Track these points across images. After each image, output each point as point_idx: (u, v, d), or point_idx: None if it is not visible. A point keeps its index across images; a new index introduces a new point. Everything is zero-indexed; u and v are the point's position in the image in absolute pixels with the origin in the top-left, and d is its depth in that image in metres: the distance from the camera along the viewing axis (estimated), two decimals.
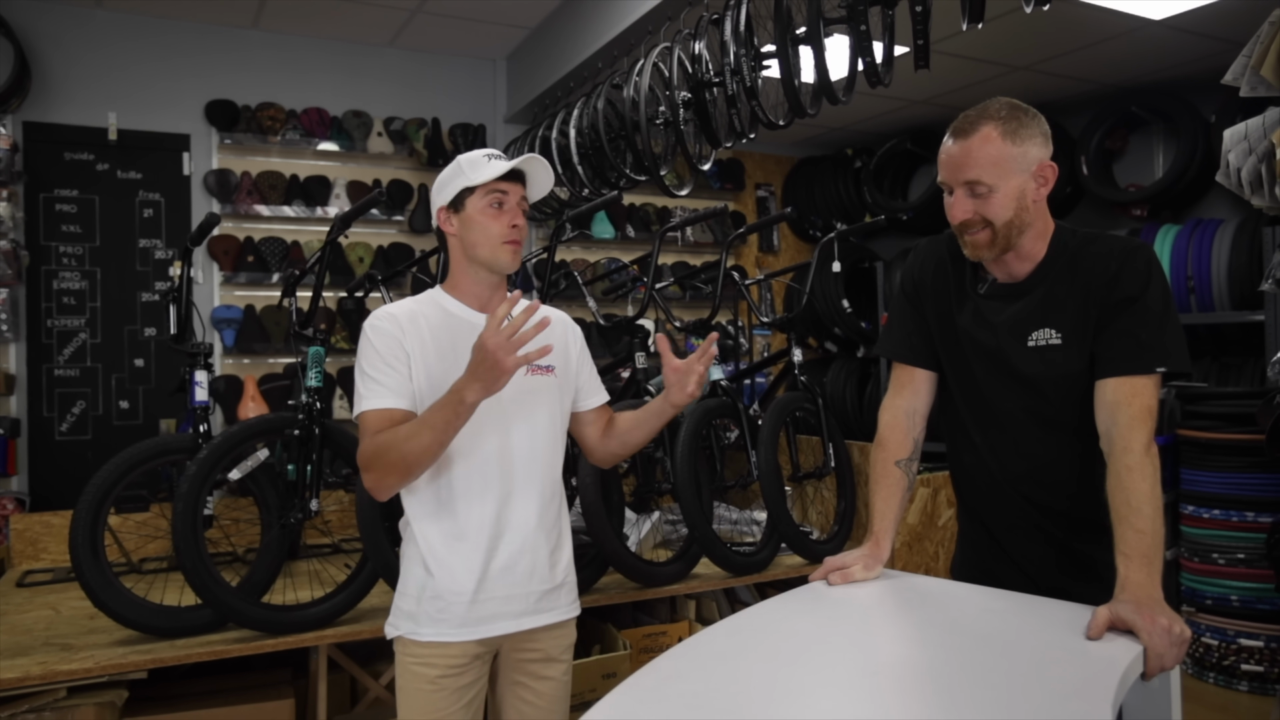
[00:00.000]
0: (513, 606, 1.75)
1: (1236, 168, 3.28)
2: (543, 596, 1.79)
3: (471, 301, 1.81)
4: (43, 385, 4.47)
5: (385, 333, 1.72)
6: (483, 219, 1.76)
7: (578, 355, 1.94)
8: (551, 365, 1.84)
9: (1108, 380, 1.56)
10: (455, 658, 1.72)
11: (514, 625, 1.76)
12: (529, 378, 1.79)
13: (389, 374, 1.69)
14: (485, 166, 1.77)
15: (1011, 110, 1.59)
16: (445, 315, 1.78)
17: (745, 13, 3.16)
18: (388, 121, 5.15)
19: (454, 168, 1.80)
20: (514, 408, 1.75)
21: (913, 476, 1.79)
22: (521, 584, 1.76)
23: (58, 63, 4.48)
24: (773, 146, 6.56)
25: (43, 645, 2.34)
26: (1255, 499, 3.50)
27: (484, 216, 1.76)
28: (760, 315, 3.45)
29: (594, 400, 1.98)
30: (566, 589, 1.86)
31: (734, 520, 3.41)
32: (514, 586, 1.75)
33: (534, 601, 1.78)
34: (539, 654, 1.82)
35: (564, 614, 1.85)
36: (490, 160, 1.78)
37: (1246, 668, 3.47)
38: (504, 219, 1.76)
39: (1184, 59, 4.55)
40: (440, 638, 1.71)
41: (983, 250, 1.64)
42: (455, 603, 1.71)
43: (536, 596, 1.78)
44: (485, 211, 1.76)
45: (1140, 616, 1.32)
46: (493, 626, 1.74)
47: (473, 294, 1.81)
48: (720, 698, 1.20)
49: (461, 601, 1.71)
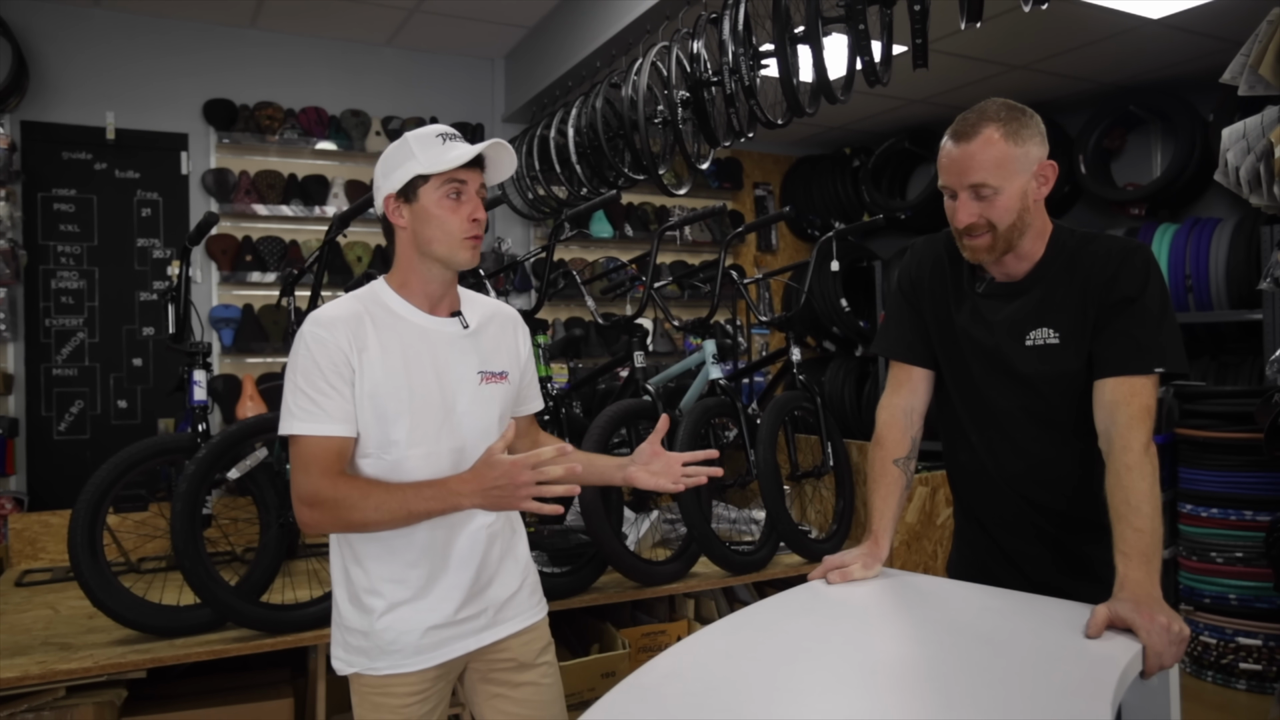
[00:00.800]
0: (469, 625, 1.64)
1: (1235, 166, 3.28)
2: (501, 607, 1.69)
3: (421, 302, 1.62)
4: (41, 385, 4.47)
5: (328, 345, 1.52)
6: (439, 211, 1.56)
7: (525, 357, 1.79)
8: (504, 370, 1.71)
9: (1106, 380, 1.56)
10: (414, 684, 1.61)
11: (474, 643, 1.65)
12: (484, 385, 1.65)
13: (330, 396, 1.51)
14: (441, 150, 1.55)
15: (1010, 111, 1.59)
16: (392, 318, 1.59)
17: (744, 12, 3.16)
18: (386, 121, 5.14)
19: (402, 148, 1.58)
20: (469, 420, 1.63)
21: (911, 475, 1.79)
22: (476, 601, 1.64)
23: (56, 62, 4.47)
24: (771, 145, 6.56)
25: (41, 645, 2.34)
26: (1253, 497, 3.50)
27: (440, 209, 1.56)
28: (759, 314, 3.45)
29: (529, 407, 1.83)
30: (526, 591, 1.75)
31: (732, 519, 3.42)
32: (468, 606, 1.63)
33: (493, 614, 1.67)
34: (510, 662, 1.71)
35: (527, 619, 1.74)
36: (445, 142, 1.56)
37: (1245, 666, 3.48)
38: (463, 211, 1.57)
39: (1182, 58, 4.55)
40: (397, 669, 1.59)
41: (982, 254, 1.64)
42: (407, 632, 1.58)
43: (496, 608, 1.68)
44: (442, 203, 1.56)
45: (1139, 615, 1.32)
46: (451, 649, 1.63)
47: (423, 293, 1.62)
48: (719, 697, 1.20)
49: (414, 630, 1.59)
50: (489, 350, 1.69)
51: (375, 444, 1.57)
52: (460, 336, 1.65)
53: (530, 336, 1.84)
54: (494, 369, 1.68)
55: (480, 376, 1.66)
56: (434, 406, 1.59)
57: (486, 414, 1.66)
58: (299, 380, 1.52)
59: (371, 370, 1.54)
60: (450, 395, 1.61)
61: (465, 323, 1.67)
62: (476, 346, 1.67)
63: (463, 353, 1.65)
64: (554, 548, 2.76)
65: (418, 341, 1.60)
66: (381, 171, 1.61)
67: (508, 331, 1.75)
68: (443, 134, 1.58)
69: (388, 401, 1.55)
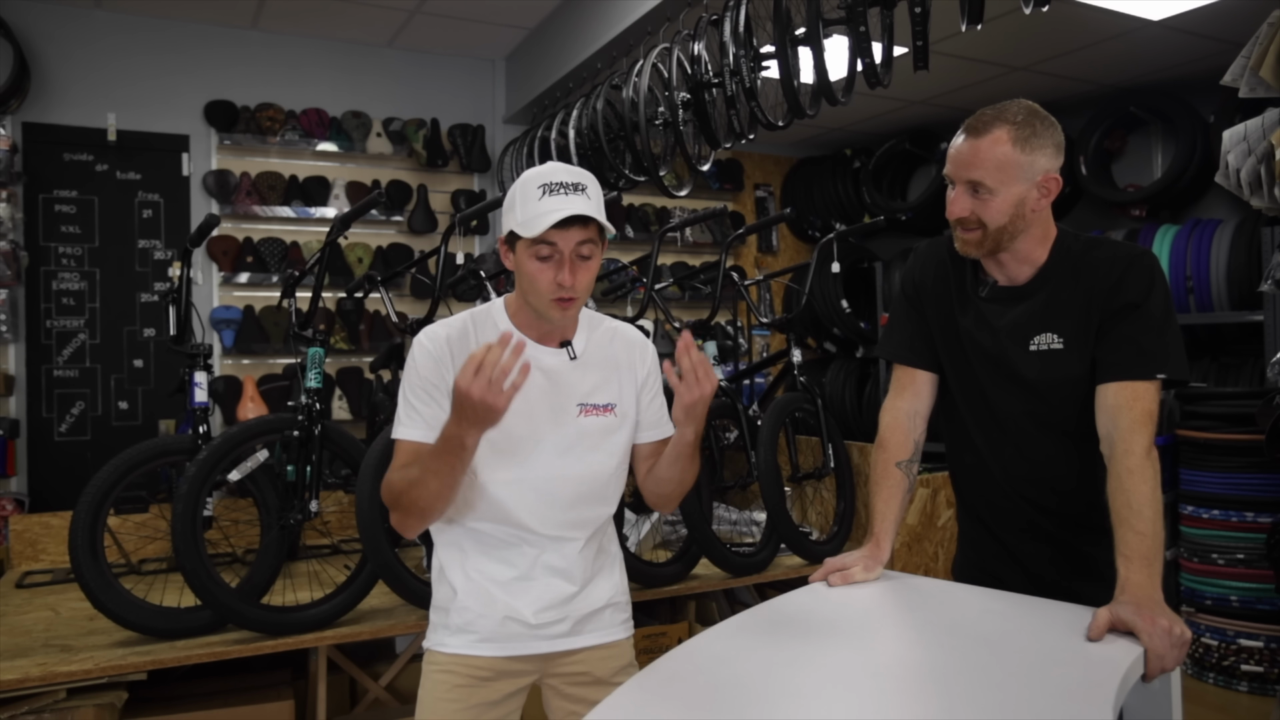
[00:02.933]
0: (548, 630, 1.66)
1: (1236, 168, 3.28)
2: (583, 619, 1.69)
3: (530, 333, 1.63)
4: (42, 386, 4.47)
5: (430, 357, 1.57)
6: (529, 269, 1.53)
7: (645, 383, 1.73)
8: (611, 404, 1.67)
9: (1109, 385, 1.57)
10: (478, 670, 1.64)
11: (547, 646, 1.66)
12: (582, 419, 1.63)
13: (426, 404, 1.56)
14: (535, 207, 1.50)
15: (1029, 116, 1.59)
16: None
17: (744, 14, 3.16)
18: (387, 122, 5.15)
19: (512, 194, 1.56)
20: (557, 449, 1.62)
21: (913, 478, 1.79)
22: (559, 609, 1.65)
23: (57, 63, 4.48)
24: (772, 147, 6.56)
25: (42, 646, 2.34)
26: (1255, 499, 3.50)
27: (530, 267, 1.53)
28: (759, 316, 3.45)
29: (652, 434, 1.75)
30: (613, 610, 1.74)
31: (733, 521, 3.41)
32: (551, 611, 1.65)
33: (571, 624, 1.67)
34: (585, 676, 1.71)
35: (608, 635, 1.73)
36: (544, 197, 1.50)
37: (1246, 668, 3.47)
38: (550, 273, 1.52)
39: (1182, 59, 4.55)
40: (468, 650, 1.64)
41: (971, 248, 1.66)
42: (485, 616, 1.63)
43: (577, 619, 1.68)
44: (531, 262, 1.53)
45: (1140, 618, 1.32)
46: (524, 645, 1.65)
47: (532, 326, 1.63)
48: (721, 699, 1.20)
49: (492, 616, 1.63)
50: (596, 381, 1.67)
51: None
52: (564, 367, 1.64)
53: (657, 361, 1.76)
54: (597, 401, 1.66)
55: (580, 410, 1.64)
56: (520, 434, 1.59)
57: (584, 446, 1.64)
58: (405, 389, 1.60)
59: None
60: (539, 426, 1.61)
61: (573, 354, 1.65)
62: (581, 377, 1.65)
63: (562, 384, 1.63)
64: None
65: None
66: (504, 207, 1.60)
67: (624, 358, 1.71)
68: (546, 185, 1.52)
69: None
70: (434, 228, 5.19)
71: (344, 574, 2.64)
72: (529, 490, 1.61)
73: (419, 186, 5.20)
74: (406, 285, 5.06)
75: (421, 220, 5.15)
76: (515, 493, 1.61)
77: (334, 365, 4.87)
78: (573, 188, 1.52)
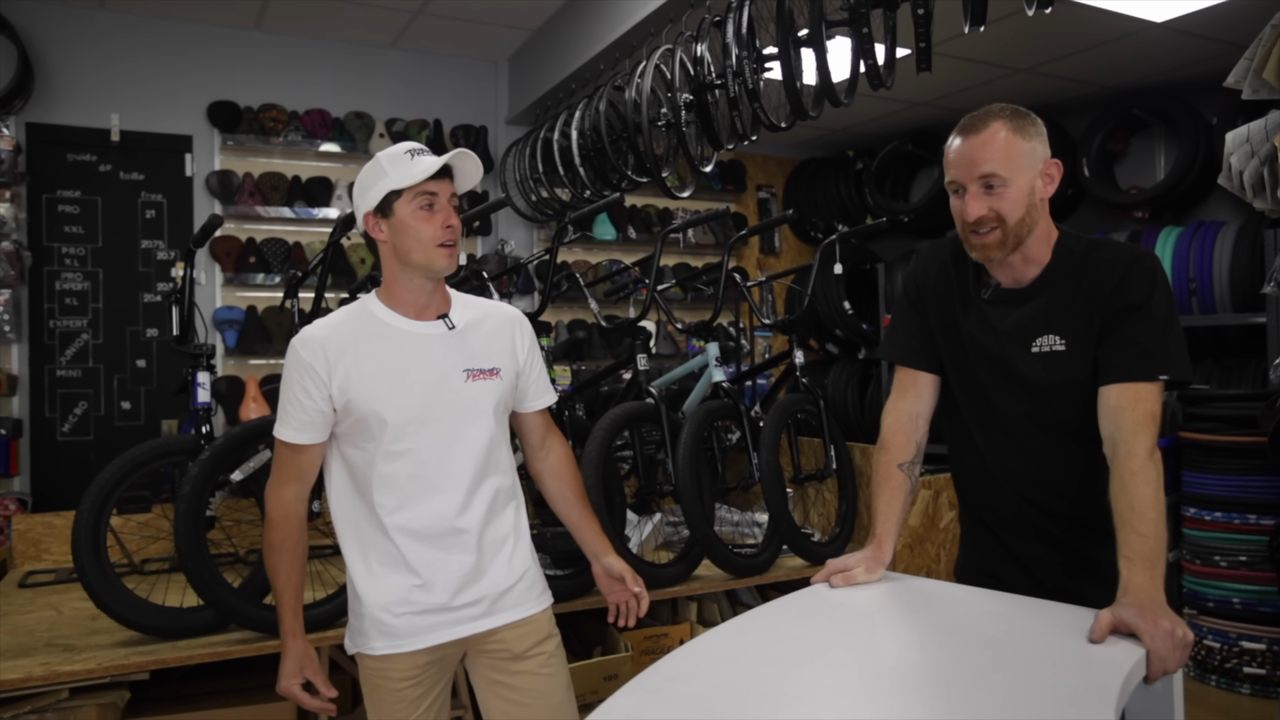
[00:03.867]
0: (464, 613, 1.72)
1: (1238, 171, 3.28)
2: (498, 598, 1.75)
3: (408, 310, 1.73)
4: (45, 386, 4.47)
5: (300, 361, 1.67)
6: (414, 223, 1.66)
7: (526, 354, 1.85)
8: (495, 367, 1.77)
9: (1111, 386, 1.57)
10: (407, 668, 1.70)
11: (465, 630, 1.73)
12: (469, 384, 1.73)
13: (296, 407, 1.67)
14: (410, 165, 1.66)
15: (1014, 110, 1.62)
16: (380, 326, 1.71)
17: (747, 15, 3.16)
18: (390, 123, 5.15)
19: (374, 168, 1.69)
20: (453, 417, 1.71)
21: (915, 480, 1.79)
22: (471, 589, 1.72)
23: (60, 64, 4.48)
24: (774, 148, 6.56)
25: (45, 646, 2.35)
26: (1257, 501, 3.50)
27: (415, 220, 1.66)
28: (762, 317, 3.45)
29: (534, 404, 1.90)
30: (524, 584, 1.80)
31: (735, 522, 3.41)
32: (463, 593, 1.71)
33: (489, 604, 1.74)
34: (505, 653, 1.77)
35: (522, 611, 1.79)
36: (414, 157, 1.67)
37: (1249, 671, 3.47)
38: (436, 220, 1.67)
39: (1185, 61, 4.54)
40: (390, 650, 1.69)
41: (993, 251, 1.63)
42: (397, 617, 1.69)
43: (492, 599, 1.74)
44: (416, 215, 1.66)
45: (1143, 620, 1.32)
46: (444, 633, 1.71)
47: (409, 302, 1.73)
48: (722, 700, 1.20)
49: (403, 615, 1.68)
50: (478, 348, 1.76)
51: (360, 438, 1.69)
52: (445, 337, 1.74)
53: (535, 335, 1.90)
54: (482, 366, 1.75)
55: (466, 374, 1.72)
56: (414, 405, 1.68)
57: (473, 409, 1.73)
58: (281, 387, 1.72)
59: (356, 374, 1.66)
60: (432, 394, 1.69)
61: (450, 324, 1.75)
62: (463, 346, 1.75)
63: (447, 352, 1.73)
64: (557, 550, 2.76)
65: (402, 346, 1.69)
66: (359, 191, 1.72)
67: (503, 330, 1.82)
68: (410, 150, 1.68)
69: (362, 404, 1.65)
70: None
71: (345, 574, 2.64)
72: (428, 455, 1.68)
73: None
74: None
75: None
76: (414, 460, 1.68)
77: None
78: (430, 151, 1.70)
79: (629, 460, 3.25)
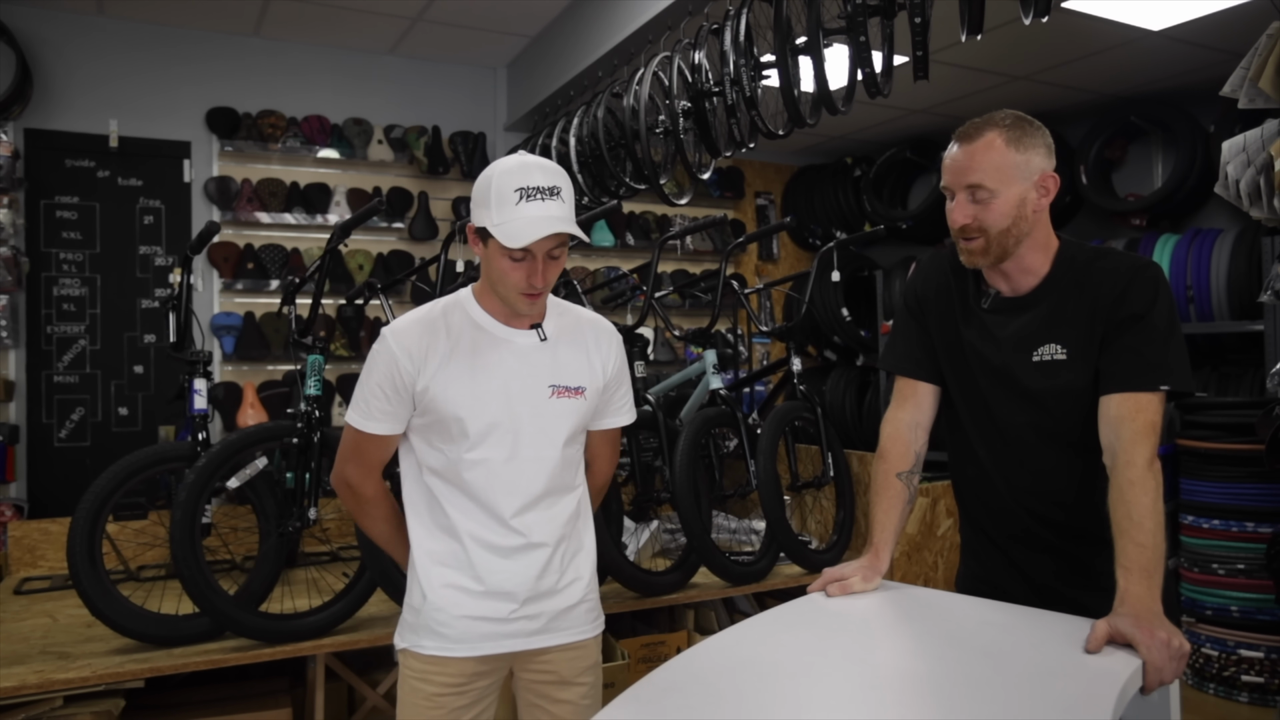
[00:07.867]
0: (517, 626, 1.68)
1: (1235, 179, 3.28)
2: (554, 617, 1.71)
3: (500, 316, 1.68)
4: (42, 391, 4.47)
5: (389, 356, 1.62)
6: (501, 266, 1.58)
7: (614, 372, 1.78)
8: (581, 386, 1.71)
9: (1112, 396, 1.56)
10: (454, 675, 1.67)
11: (519, 644, 1.69)
12: (552, 400, 1.67)
13: (378, 398, 1.63)
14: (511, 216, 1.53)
15: (1016, 119, 1.61)
16: (471, 326, 1.66)
17: (745, 22, 3.17)
18: (388, 129, 5.16)
19: (486, 189, 1.56)
20: (532, 430, 1.66)
21: (914, 489, 1.79)
22: (528, 604, 1.68)
23: (59, 70, 4.49)
24: (772, 155, 6.57)
25: (40, 653, 2.34)
26: (1255, 509, 3.49)
27: (502, 264, 1.58)
28: (759, 324, 3.45)
29: (611, 421, 1.84)
30: (584, 608, 1.76)
31: (733, 529, 3.41)
32: (519, 607, 1.67)
33: (544, 621, 1.70)
34: (551, 676, 1.74)
35: (577, 634, 1.75)
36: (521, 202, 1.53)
37: (1247, 679, 3.46)
38: (522, 271, 1.58)
39: (1182, 69, 4.56)
40: (441, 652, 1.66)
41: (977, 258, 1.65)
42: (455, 618, 1.66)
43: (547, 617, 1.70)
44: (504, 261, 1.58)
45: (1139, 630, 1.32)
46: (495, 644, 1.68)
47: (501, 311, 1.68)
48: (719, 709, 1.20)
49: (462, 618, 1.66)
50: (566, 363, 1.71)
51: (438, 438, 1.66)
52: (535, 348, 1.69)
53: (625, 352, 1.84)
54: (569, 384, 1.70)
55: (551, 390, 1.68)
56: (495, 414, 1.64)
57: (552, 428, 1.68)
58: (363, 377, 1.66)
59: (444, 370, 1.62)
60: (515, 404, 1.65)
61: (543, 335, 1.70)
62: (553, 359, 1.70)
63: (535, 364, 1.68)
64: None
65: (490, 352, 1.65)
66: (474, 196, 1.62)
67: (594, 344, 1.76)
68: (522, 190, 1.54)
69: (443, 404, 1.62)
70: (435, 235, 5.19)
71: (343, 581, 2.64)
72: (499, 468, 1.65)
73: (420, 194, 5.21)
74: (407, 292, 5.06)
75: (422, 227, 5.16)
76: (485, 471, 1.65)
77: (334, 372, 4.87)
78: (549, 192, 1.56)
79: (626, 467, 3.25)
